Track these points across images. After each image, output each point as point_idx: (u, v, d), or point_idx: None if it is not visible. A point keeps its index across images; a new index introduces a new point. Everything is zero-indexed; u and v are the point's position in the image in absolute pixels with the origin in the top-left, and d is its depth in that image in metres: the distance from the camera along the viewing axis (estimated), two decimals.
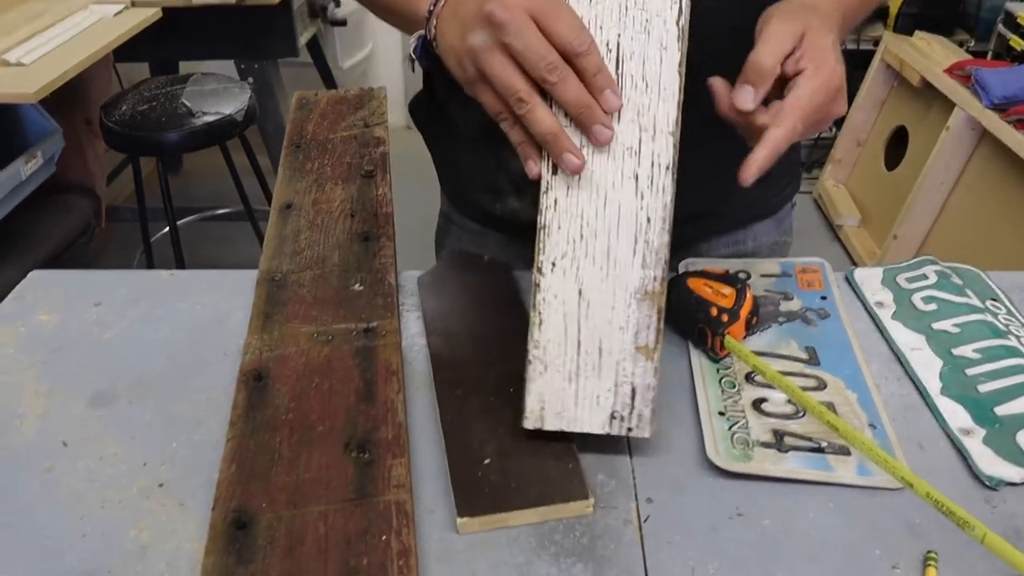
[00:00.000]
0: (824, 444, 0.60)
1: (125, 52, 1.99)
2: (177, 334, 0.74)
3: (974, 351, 0.69)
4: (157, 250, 2.29)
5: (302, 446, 0.58)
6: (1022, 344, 0.70)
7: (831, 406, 0.63)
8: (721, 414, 0.62)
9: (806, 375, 0.67)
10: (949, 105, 2.35)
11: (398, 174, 0.95)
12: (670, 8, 0.57)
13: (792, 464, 0.59)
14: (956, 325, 0.72)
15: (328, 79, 3.03)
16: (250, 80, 2.33)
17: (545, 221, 0.58)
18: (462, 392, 0.63)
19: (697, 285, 0.69)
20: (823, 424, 0.59)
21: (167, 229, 2.14)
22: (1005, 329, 0.72)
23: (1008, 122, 2.08)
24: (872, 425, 0.62)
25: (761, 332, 0.71)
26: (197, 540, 0.54)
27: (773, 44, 0.61)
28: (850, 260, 2.69)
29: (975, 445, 0.61)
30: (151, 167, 2.78)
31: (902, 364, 0.69)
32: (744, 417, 0.62)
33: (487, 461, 0.58)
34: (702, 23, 0.63)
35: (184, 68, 2.95)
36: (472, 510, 0.54)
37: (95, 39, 1.86)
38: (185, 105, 1.91)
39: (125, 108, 1.93)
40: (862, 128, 2.90)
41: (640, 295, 0.58)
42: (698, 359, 0.68)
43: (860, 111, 2.87)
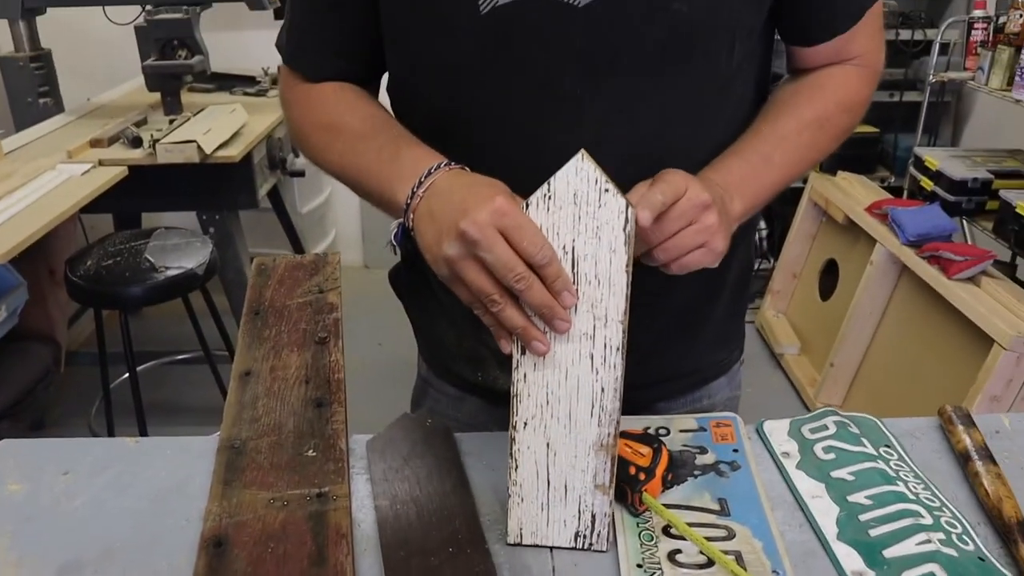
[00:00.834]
0: None
1: (90, 205, 2.07)
2: (142, 502, 0.79)
3: (866, 497, 0.77)
4: (116, 396, 2.32)
5: None
6: (910, 489, 0.78)
7: (739, 555, 0.70)
8: (639, 566, 0.69)
9: (717, 525, 0.74)
10: (872, 240, 2.52)
11: (354, 311, 1.03)
12: (617, 217, 0.66)
13: None
14: (851, 473, 0.81)
15: (287, 223, 3.15)
16: (211, 231, 2.43)
17: (517, 390, 0.70)
18: (405, 553, 0.70)
19: (618, 445, 0.77)
20: (730, 574, 0.66)
21: (126, 375, 2.18)
22: (895, 475, 0.80)
23: (923, 258, 2.25)
24: (776, 572, 0.69)
25: (679, 486, 0.79)
26: None
27: (661, 190, 0.70)
28: (792, 388, 2.81)
29: None
30: (112, 313, 2.83)
31: (804, 511, 0.77)
32: (660, 568, 0.69)
33: None
34: None
35: (147, 218, 3.05)
36: None
37: (63, 198, 1.95)
38: (148, 260, 2.00)
39: (90, 263, 2.00)
40: (796, 261, 3.07)
41: (597, 447, 0.71)
42: (620, 513, 0.76)
43: (794, 245, 3.06)
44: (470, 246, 0.66)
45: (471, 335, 0.96)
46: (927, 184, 2.72)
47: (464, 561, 0.69)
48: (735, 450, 0.84)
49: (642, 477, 0.75)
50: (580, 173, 0.65)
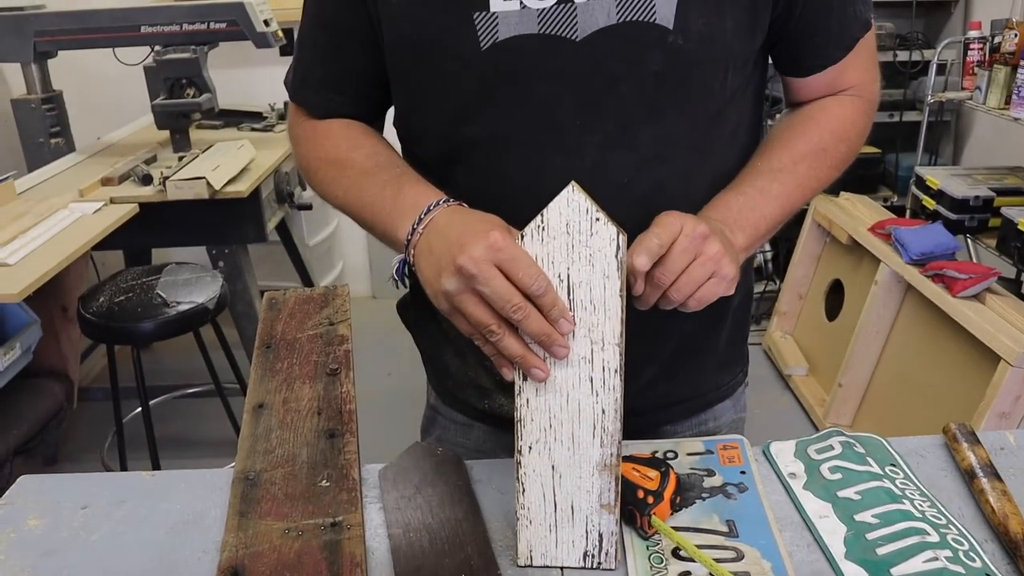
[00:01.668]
0: None
1: (101, 242, 2.10)
2: (159, 534, 0.80)
3: (873, 516, 0.78)
4: (128, 430, 2.34)
5: None
6: (916, 507, 0.79)
7: None
8: None
9: (726, 547, 0.75)
10: (876, 260, 2.54)
11: (363, 341, 1.05)
12: (609, 244, 0.68)
13: None
14: (858, 492, 0.82)
15: (295, 256, 3.18)
16: (221, 265, 2.46)
17: (520, 416, 0.72)
18: None
19: (626, 469, 0.79)
20: None
21: (138, 410, 2.20)
22: (901, 493, 0.81)
23: (927, 276, 2.26)
24: None
25: (687, 508, 0.80)
26: None
27: (657, 234, 0.71)
28: (801, 408, 2.81)
29: None
30: (123, 348, 2.86)
31: (811, 531, 0.78)
32: None
33: None
34: None
35: (157, 254, 3.09)
36: None
37: (75, 236, 1.98)
38: (160, 296, 2.02)
39: (102, 300, 2.03)
40: (802, 282, 3.08)
41: (601, 467, 0.72)
42: (629, 536, 0.77)
43: (799, 267, 3.07)
44: (468, 280, 0.69)
45: (475, 364, 0.98)
46: (929, 203, 2.73)
47: None
48: (742, 472, 0.85)
49: (651, 500, 0.76)
50: (571, 204, 0.68)
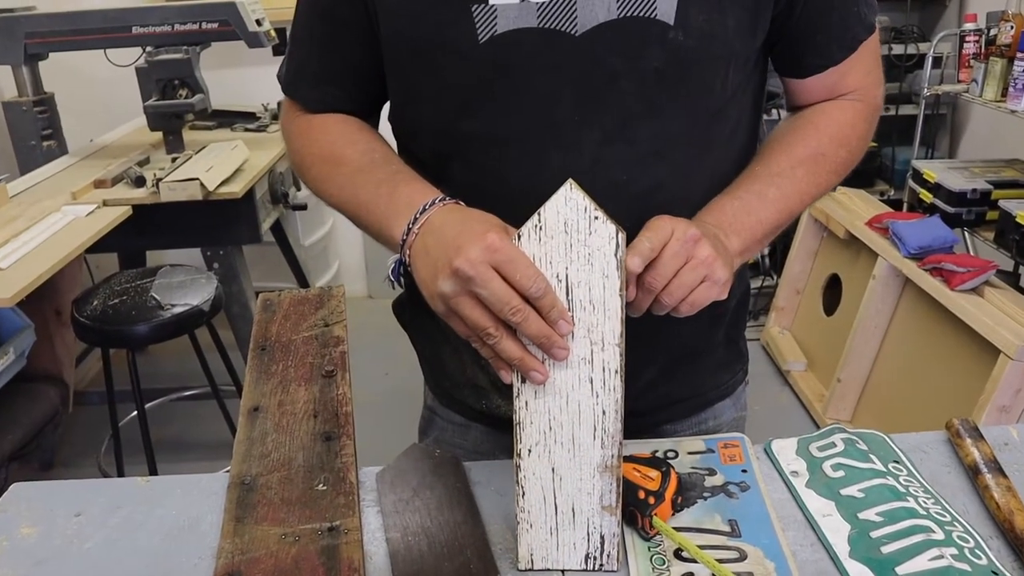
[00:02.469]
0: None
1: (95, 245, 2.09)
2: (154, 541, 0.79)
3: (877, 514, 0.77)
4: (124, 434, 2.32)
5: None
6: (920, 505, 0.78)
7: None
8: None
9: (728, 547, 0.74)
10: (874, 255, 2.53)
11: (360, 342, 1.04)
12: (608, 243, 0.67)
13: None
14: (861, 490, 0.81)
15: (290, 257, 3.16)
16: (216, 266, 2.44)
17: (519, 418, 0.70)
18: None
19: (626, 470, 0.78)
20: None
21: (134, 413, 2.19)
22: (905, 491, 0.80)
23: (925, 270, 2.25)
24: None
25: (688, 508, 0.79)
26: None
27: (649, 237, 0.71)
28: (800, 404, 2.80)
29: None
30: (118, 351, 2.84)
31: (815, 530, 0.77)
32: None
33: None
34: None
35: (151, 256, 3.07)
36: None
37: (69, 239, 1.97)
38: (154, 298, 2.01)
39: (96, 303, 2.02)
40: (799, 278, 3.07)
41: (602, 469, 0.71)
42: (630, 536, 0.76)
43: (796, 262, 3.06)
44: (465, 283, 0.67)
45: (472, 363, 0.97)
46: (926, 196, 2.73)
47: None
48: (744, 470, 0.85)
49: (652, 501, 0.75)
50: (569, 202, 0.66)
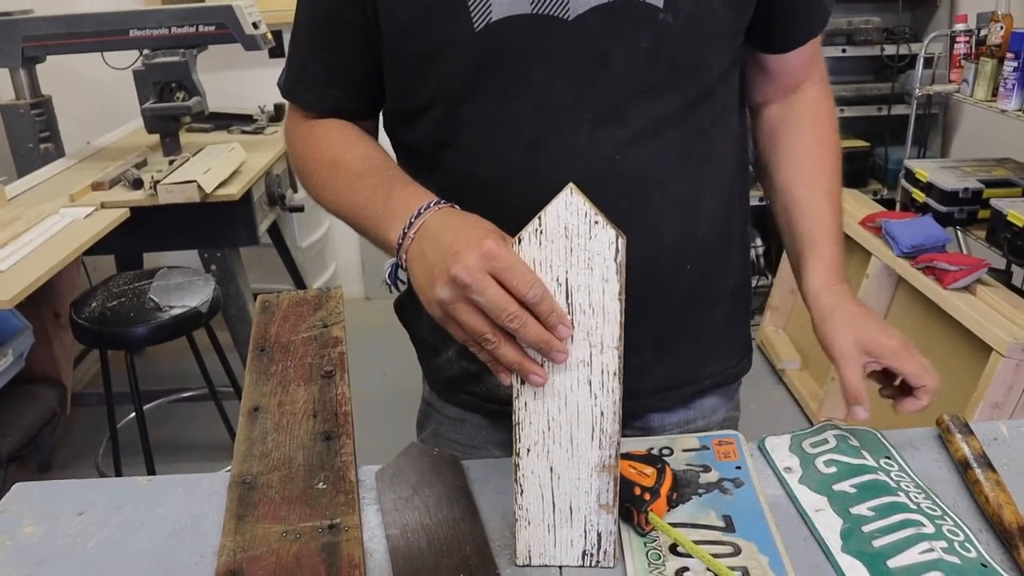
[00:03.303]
0: None
1: (93, 247, 2.10)
2: (156, 540, 0.80)
3: (869, 509, 0.79)
4: (121, 436, 2.33)
5: None
6: (911, 499, 0.80)
7: (745, 571, 0.72)
8: None
9: (723, 542, 0.75)
10: (867, 253, 2.55)
11: (357, 343, 1.04)
12: (608, 247, 0.68)
13: None
14: (853, 485, 0.82)
15: (287, 258, 3.17)
16: (213, 268, 2.45)
17: (518, 418, 0.71)
18: None
19: (622, 467, 0.79)
20: None
21: (132, 415, 2.19)
22: (896, 486, 0.81)
23: (918, 269, 2.27)
24: None
25: (683, 504, 0.80)
26: None
27: (853, 370, 0.86)
28: (795, 403, 2.82)
29: None
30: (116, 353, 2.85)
31: (808, 525, 0.78)
32: None
33: None
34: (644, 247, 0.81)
35: (148, 258, 3.08)
36: None
37: (67, 241, 1.98)
38: (153, 300, 2.02)
39: (95, 305, 2.02)
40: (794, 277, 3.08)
41: (600, 469, 0.73)
42: (627, 532, 0.77)
43: None
44: (462, 289, 0.68)
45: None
46: (919, 196, 2.74)
47: None
48: (738, 467, 0.86)
49: (647, 497, 0.76)
50: (570, 207, 0.67)
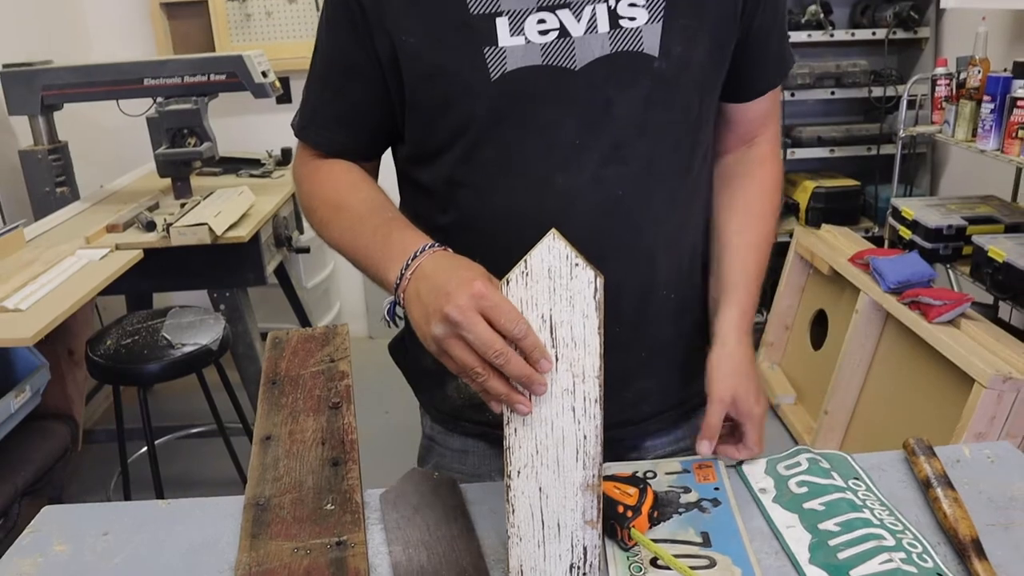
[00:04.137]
0: None
1: (106, 287, 2.18)
2: (176, 557, 0.86)
3: (835, 524, 0.85)
4: (131, 471, 2.39)
5: None
6: (875, 516, 0.86)
7: None
8: None
9: (700, 556, 0.82)
10: (856, 290, 2.62)
11: (360, 380, 1.11)
12: (587, 286, 0.75)
13: None
14: (822, 503, 0.88)
15: (293, 298, 3.25)
16: (222, 307, 2.53)
17: (509, 443, 0.78)
18: None
19: (607, 487, 0.86)
20: None
21: (143, 450, 2.25)
22: (862, 504, 0.88)
23: (904, 304, 2.34)
24: None
25: (665, 522, 0.87)
26: None
27: (718, 415, 0.95)
28: (789, 436, 2.87)
29: None
30: (126, 389, 2.91)
31: (779, 540, 0.85)
32: None
33: None
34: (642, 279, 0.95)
35: (158, 297, 3.16)
36: None
37: (83, 282, 2.05)
38: (165, 338, 2.09)
39: (109, 342, 2.10)
40: (787, 313, 3.16)
41: (584, 487, 0.78)
42: (611, 548, 0.83)
43: (784, 298, 3.15)
44: (454, 327, 0.76)
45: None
46: (905, 233, 2.82)
47: None
48: (716, 488, 0.92)
49: (629, 515, 0.83)
50: (552, 251, 0.75)
